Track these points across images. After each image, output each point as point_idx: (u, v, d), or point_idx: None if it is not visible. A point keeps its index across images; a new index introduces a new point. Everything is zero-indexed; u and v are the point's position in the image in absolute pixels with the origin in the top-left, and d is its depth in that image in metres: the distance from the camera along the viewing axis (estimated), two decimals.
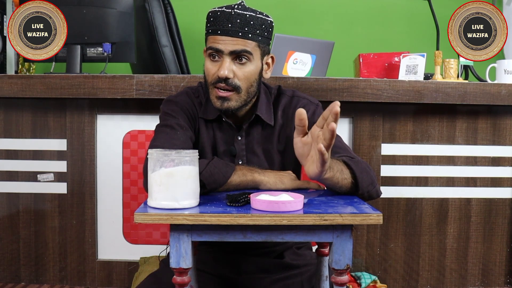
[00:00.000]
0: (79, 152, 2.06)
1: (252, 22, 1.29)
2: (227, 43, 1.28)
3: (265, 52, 1.36)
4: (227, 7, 1.30)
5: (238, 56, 1.30)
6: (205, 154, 1.40)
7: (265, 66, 1.38)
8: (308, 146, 1.12)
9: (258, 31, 1.30)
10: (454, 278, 2.13)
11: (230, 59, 1.30)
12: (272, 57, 1.41)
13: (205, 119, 1.41)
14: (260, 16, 1.31)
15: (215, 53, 1.31)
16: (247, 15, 1.29)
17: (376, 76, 2.21)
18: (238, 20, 1.28)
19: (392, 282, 2.12)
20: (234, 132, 1.41)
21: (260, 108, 1.40)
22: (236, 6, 1.30)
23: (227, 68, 1.29)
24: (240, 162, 1.39)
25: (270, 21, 1.34)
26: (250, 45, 1.30)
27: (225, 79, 1.29)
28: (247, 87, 1.33)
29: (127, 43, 2.06)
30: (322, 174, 1.09)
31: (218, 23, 1.29)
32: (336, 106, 1.03)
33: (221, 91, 1.31)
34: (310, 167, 1.11)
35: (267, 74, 1.40)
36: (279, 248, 1.44)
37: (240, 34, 1.28)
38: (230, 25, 1.28)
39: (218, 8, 1.31)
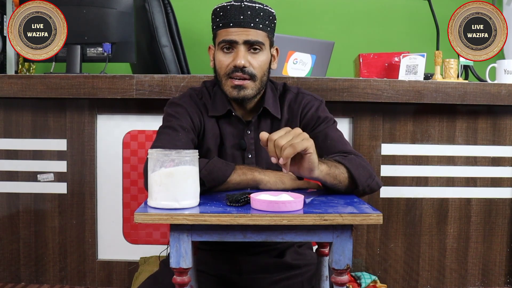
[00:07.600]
0: (79, 152, 2.06)
1: (261, 13, 1.34)
2: (240, 34, 1.32)
3: (272, 43, 1.41)
4: (235, 0, 1.34)
5: (251, 46, 1.34)
6: (210, 154, 1.39)
7: (271, 58, 1.43)
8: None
9: (267, 22, 1.35)
10: (454, 278, 2.13)
11: (244, 49, 1.34)
12: (276, 49, 1.46)
13: (213, 116, 1.42)
14: (267, 8, 1.37)
15: (228, 45, 1.34)
16: (256, 7, 1.34)
17: (376, 76, 2.21)
18: (249, 12, 1.32)
19: (392, 282, 2.11)
20: (244, 127, 1.42)
21: (267, 101, 1.42)
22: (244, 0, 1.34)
23: (244, 57, 1.33)
24: (249, 156, 1.41)
25: (274, 13, 1.39)
26: (261, 35, 1.35)
27: (242, 68, 1.33)
28: (261, 76, 1.37)
29: (127, 43, 2.06)
30: (317, 164, 1.12)
31: (229, 16, 1.33)
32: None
33: (237, 80, 1.34)
34: (304, 165, 1.13)
35: (274, 65, 1.45)
36: (280, 246, 1.44)
37: (252, 25, 1.33)
38: (242, 17, 1.32)
39: (226, 3, 1.35)
